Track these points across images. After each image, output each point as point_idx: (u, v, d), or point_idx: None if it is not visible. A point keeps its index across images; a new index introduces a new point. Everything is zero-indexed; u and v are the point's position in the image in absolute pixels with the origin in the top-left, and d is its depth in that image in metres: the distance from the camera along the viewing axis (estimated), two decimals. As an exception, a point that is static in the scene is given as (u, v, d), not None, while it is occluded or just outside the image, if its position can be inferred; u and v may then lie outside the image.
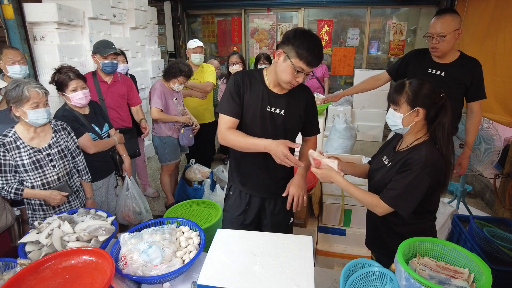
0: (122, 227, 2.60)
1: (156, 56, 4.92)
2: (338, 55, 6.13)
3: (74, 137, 2.01)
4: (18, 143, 1.75)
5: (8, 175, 1.75)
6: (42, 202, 1.87)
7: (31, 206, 1.89)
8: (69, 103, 2.12)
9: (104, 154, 2.30)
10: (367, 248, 1.73)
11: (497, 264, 1.94)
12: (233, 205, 1.75)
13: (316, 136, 1.75)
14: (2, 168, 1.72)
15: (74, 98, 2.07)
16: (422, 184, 1.30)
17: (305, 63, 1.39)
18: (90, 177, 2.12)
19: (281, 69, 1.45)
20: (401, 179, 1.34)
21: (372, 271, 1.19)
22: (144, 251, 1.29)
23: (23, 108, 1.68)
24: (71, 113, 2.12)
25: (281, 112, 1.56)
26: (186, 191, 3.20)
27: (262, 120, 1.55)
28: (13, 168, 1.75)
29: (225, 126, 1.52)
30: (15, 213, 2.18)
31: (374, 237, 1.62)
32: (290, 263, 1.20)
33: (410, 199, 1.32)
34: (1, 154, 1.70)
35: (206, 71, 3.58)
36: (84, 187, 2.10)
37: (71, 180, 1.97)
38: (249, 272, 1.16)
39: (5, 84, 2.13)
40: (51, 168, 1.84)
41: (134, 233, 1.42)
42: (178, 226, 1.55)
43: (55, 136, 1.88)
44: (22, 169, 1.76)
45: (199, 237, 1.47)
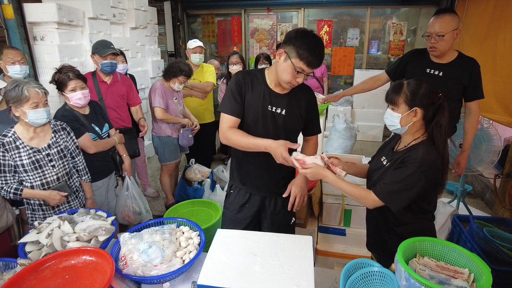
0: (122, 227, 2.59)
1: (156, 56, 4.92)
2: (338, 55, 6.13)
3: (74, 137, 2.00)
4: (18, 143, 1.75)
5: (8, 175, 1.75)
6: (42, 202, 1.87)
7: (31, 206, 1.88)
8: (69, 103, 2.12)
9: (104, 154, 2.30)
10: (368, 250, 1.73)
11: (497, 264, 1.94)
12: (233, 203, 1.75)
13: (317, 136, 1.76)
14: (2, 168, 1.72)
15: (73, 98, 2.07)
16: (416, 182, 1.30)
17: (306, 64, 1.39)
18: (90, 177, 2.12)
19: (282, 69, 1.45)
20: (396, 175, 1.35)
21: (372, 271, 1.19)
22: (144, 251, 1.29)
23: (23, 108, 1.68)
24: (71, 113, 2.12)
25: (282, 112, 1.56)
26: (186, 191, 3.20)
27: (264, 120, 1.55)
28: (13, 168, 1.75)
29: (227, 125, 1.53)
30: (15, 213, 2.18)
31: (375, 238, 1.62)
32: (290, 263, 1.20)
33: (402, 196, 1.32)
34: (1, 154, 1.70)
35: (206, 71, 3.58)
36: (84, 187, 2.10)
37: (71, 180, 1.97)
38: (249, 272, 1.16)
39: (5, 84, 2.12)
40: (51, 168, 1.84)
41: (134, 233, 1.42)
42: (178, 226, 1.55)
43: (55, 136, 1.88)
44: (22, 169, 1.76)
45: (199, 237, 1.47)
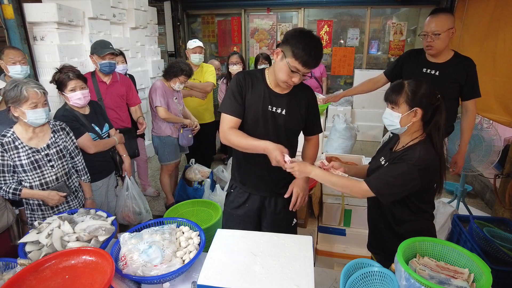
0: (122, 227, 2.59)
1: (156, 56, 4.92)
2: (338, 55, 6.13)
3: (73, 137, 2.00)
4: (17, 143, 1.74)
5: (7, 175, 1.74)
6: (41, 202, 1.87)
7: (30, 206, 1.88)
8: (69, 103, 2.12)
9: (104, 154, 2.30)
10: (368, 250, 1.73)
11: (497, 264, 1.94)
12: (233, 201, 1.76)
13: (318, 136, 1.76)
14: (1, 168, 1.72)
15: (73, 98, 2.07)
16: (410, 180, 1.31)
17: (301, 63, 1.38)
18: (89, 177, 2.11)
19: (278, 68, 1.46)
20: (391, 170, 1.36)
21: (372, 271, 1.19)
22: (144, 251, 1.29)
23: (22, 108, 1.68)
24: (71, 113, 2.12)
25: (283, 112, 1.56)
26: (186, 191, 3.20)
27: (264, 120, 1.56)
28: (12, 168, 1.75)
29: (227, 126, 1.53)
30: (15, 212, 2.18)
31: (375, 238, 1.62)
32: (290, 263, 1.20)
33: (393, 190, 1.33)
34: (0, 154, 1.70)
35: (206, 71, 3.58)
36: (83, 187, 2.10)
37: (70, 180, 1.97)
38: (249, 272, 1.16)
39: (5, 84, 2.12)
40: (50, 168, 1.84)
41: (134, 233, 1.42)
42: (178, 226, 1.54)
43: (54, 136, 1.88)
44: (21, 169, 1.76)
45: (199, 237, 1.47)
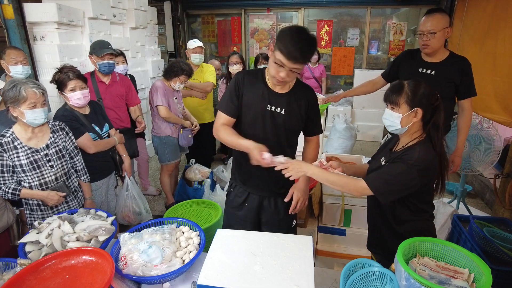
0: (122, 227, 2.59)
1: (156, 56, 4.92)
2: (338, 55, 6.13)
3: (72, 137, 2.00)
4: (16, 144, 1.74)
5: (6, 176, 1.74)
6: (40, 203, 1.87)
7: (29, 206, 1.88)
8: (69, 103, 2.12)
9: (104, 154, 2.30)
10: (368, 250, 1.73)
11: (497, 264, 1.94)
12: (233, 201, 1.77)
13: (319, 137, 1.75)
14: (0, 169, 1.72)
15: (73, 98, 2.07)
16: (409, 179, 1.31)
17: (285, 56, 1.35)
18: (89, 177, 2.11)
19: (269, 64, 1.48)
20: (391, 169, 1.36)
21: (372, 271, 1.19)
22: (144, 251, 1.29)
23: (21, 108, 1.68)
24: (71, 113, 2.12)
25: (282, 111, 1.56)
26: (186, 191, 3.20)
27: (263, 119, 1.56)
28: (11, 169, 1.75)
29: (220, 122, 1.59)
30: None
31: (375, 238, 1.62)
32: (290, 263, 1.20)
33: (392, 189, 1.33)
34: None
35: (206, 71, 3.58)
36: (83, 187, 2.10)
37: (69, 181, 1.97)
38: (249, 272, 1.16)
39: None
40: (49, 169, 1.84)
41: (134, 233, 1.42)
42: (178, 226, 1.54)
43: (53, 136, 1.88)
44: (20, 170, 1.76)
45: (199, 237, 1.47)
